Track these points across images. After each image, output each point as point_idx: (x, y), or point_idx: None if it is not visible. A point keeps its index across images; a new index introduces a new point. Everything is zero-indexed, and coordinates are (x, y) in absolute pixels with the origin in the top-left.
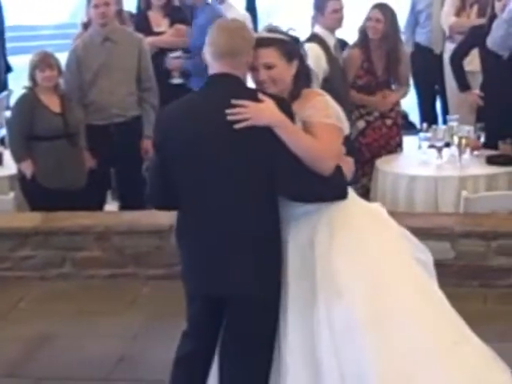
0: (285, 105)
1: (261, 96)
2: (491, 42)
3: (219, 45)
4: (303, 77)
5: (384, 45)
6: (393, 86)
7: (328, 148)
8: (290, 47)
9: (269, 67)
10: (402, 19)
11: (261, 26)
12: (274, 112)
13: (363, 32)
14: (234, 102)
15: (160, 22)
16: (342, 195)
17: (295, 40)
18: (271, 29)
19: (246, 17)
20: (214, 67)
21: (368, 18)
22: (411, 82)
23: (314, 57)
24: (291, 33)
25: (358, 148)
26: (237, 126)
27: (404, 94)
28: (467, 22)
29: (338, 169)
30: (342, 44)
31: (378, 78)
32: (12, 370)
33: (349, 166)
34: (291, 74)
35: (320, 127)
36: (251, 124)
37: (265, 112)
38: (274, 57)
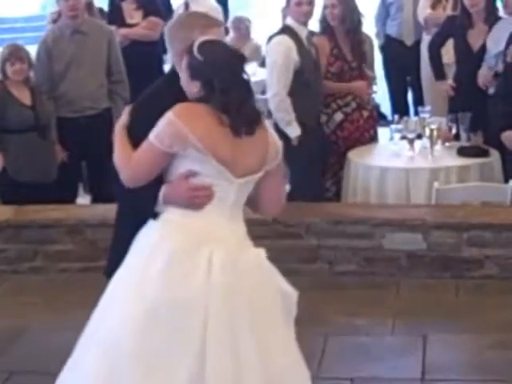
0: None
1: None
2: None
3: None
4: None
5: (344, 28)
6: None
7: (133, 161)
8: (194, 66)
9: None
10: (373, 11)
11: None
12: (119, 121)
13: (324, 20)
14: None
15: (133, 13)
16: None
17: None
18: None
19: (216, 9)
20: None
21: (324, 6)
22: (383, 73)
23: (285, 49)
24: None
25: (334, 141)
26: None
27: (372, 81)
28: (443, 14)
29: (145, 187)
30: (313, 35)
31: (350, 63)
32: None
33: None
34: (193, 91)
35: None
36: None
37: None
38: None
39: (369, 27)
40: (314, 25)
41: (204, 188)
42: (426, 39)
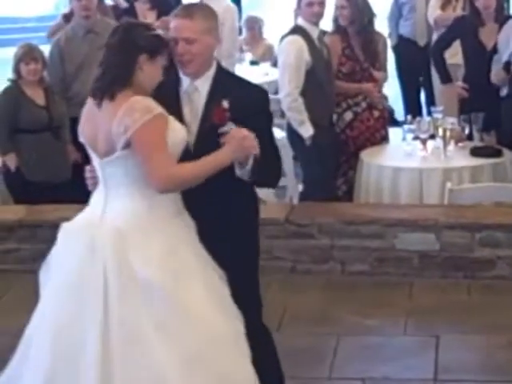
0: None
1: None
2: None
3: None
4: None
5: (354, 28)
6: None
7: None
8: None
9: None
10: (386, 11)
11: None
12: None
13: (337, 20)
14: None
15: (146, 13)
16: None
17: None
18: None
19: (232, 8)
20: None
21: (336, 7)
22: (395, 73)
23: (297, 49)
24: None
25: (344, 140)
26: None
27: (383, 80)
28: (452, 15)
29: None
30: (324, 34)
31: (362, 64)
32: None
33: None
34: None
35: None
36: None
37: None
38: None
39: (382, 27)
40: (327, 24)
41: (89, 170)
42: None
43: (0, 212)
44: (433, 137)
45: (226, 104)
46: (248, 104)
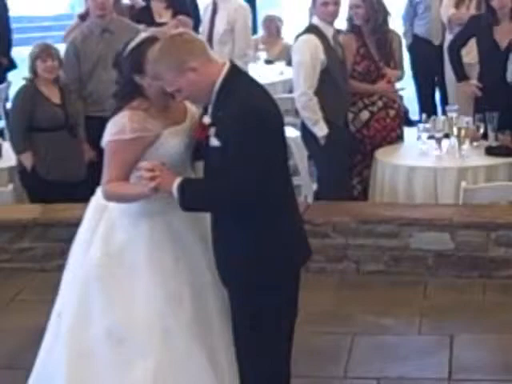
0: None
1: None
2: None
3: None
4: None
5: (369, 28)
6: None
7: None
8: None
9: None
10: (400, 11)
11: (259, 17)
12: None
13: (351, 19)
14: None
15: (162, 12)
16: None
17: None
18: None
19: (244, 7)
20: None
21: (350, 6)
22: (411, 73)
23: (312, 48)
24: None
25: (360, 140)
26: None
27: (399, 77)
28: (466, 13)
29: None
30: (339, 33)
31: (377, 63)
32: (10, 361)
33: None
34: None
35: None
36: None
37: None
38: None
39: (396, 26)
40: (342, 23)
41: None
42: (449, 39)
43: (15, 211)
44: (447, 136)
45: (207, 119)
46: (224, 119)
